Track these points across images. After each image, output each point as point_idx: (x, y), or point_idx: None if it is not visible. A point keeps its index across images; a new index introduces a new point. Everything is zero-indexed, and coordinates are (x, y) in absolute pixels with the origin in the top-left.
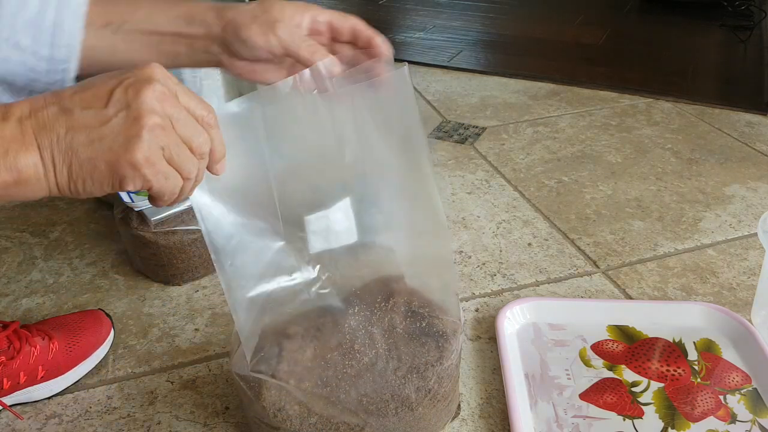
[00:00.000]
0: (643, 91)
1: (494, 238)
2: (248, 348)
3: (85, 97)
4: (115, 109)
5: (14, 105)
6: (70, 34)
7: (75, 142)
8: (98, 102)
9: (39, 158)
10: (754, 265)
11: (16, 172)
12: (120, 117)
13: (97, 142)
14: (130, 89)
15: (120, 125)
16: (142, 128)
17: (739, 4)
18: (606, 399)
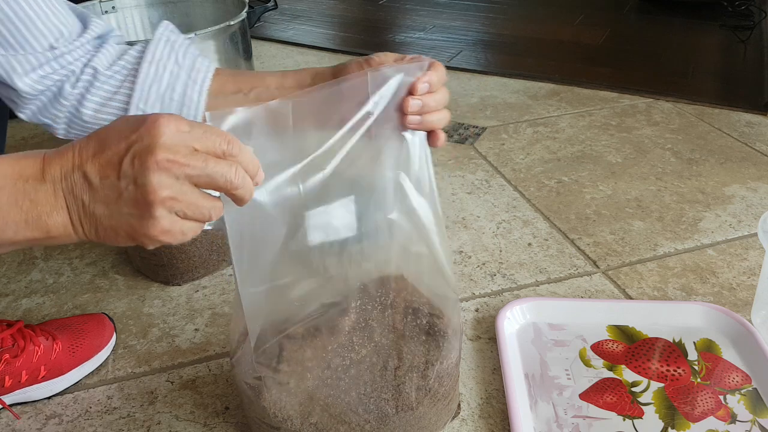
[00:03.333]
0: (643, 91)
1: (494, 238)
2: (253, 337)
3: (101, 163)
4: (125, 183)
5: (52, 162)
6: (195, 106)
7: (97, 212)
8: (112, 171)
9: (68, 219)
10: (754, 265)
11: (46, 231)
12: (130, 192)
13: (116, 216)
14: (135, 161)
15: (132, 201)
16: (151, 206)
17: (739, 4)
18: (606, 399)
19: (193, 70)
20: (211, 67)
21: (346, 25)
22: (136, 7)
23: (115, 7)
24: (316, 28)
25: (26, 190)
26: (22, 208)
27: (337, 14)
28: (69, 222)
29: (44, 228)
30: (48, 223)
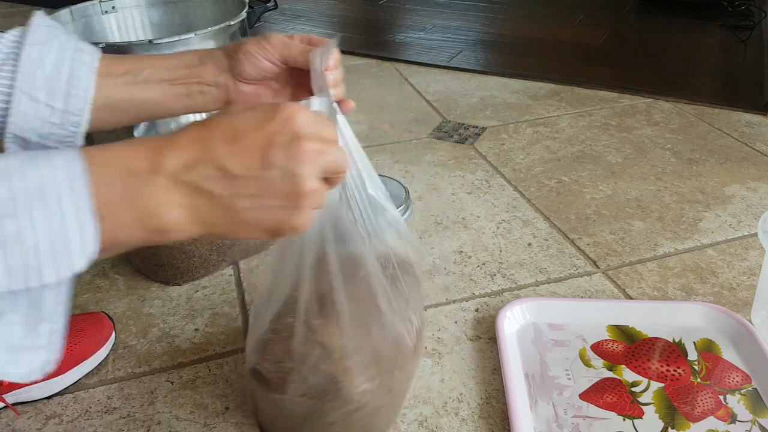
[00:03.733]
0: (643, 91)
1: (494, 238)
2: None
3: (238, 154)
4: (274, 176)
5: (168, 153)
6: (84, 87)
7: (237, 205)
8: (254, 163)
9: (183, 215)
10: (754, 265)
11: (161, 231)
12: (281, 185)
13: (259, 210)
14: (286, 153)
15: (282, 192)
16: (303, 197)
17: (739, 4)
18: (606, 399)
19: (78, 52)
20: (97, 50)
21: (346, 25)
22: (136, 7)
23: (115, 7)
24: (316, 28)
25: (136, 186)
26: (134, 206)
27: (337, 14)
28: (184, 219)
29: (161, 228)
30: (164, 222)
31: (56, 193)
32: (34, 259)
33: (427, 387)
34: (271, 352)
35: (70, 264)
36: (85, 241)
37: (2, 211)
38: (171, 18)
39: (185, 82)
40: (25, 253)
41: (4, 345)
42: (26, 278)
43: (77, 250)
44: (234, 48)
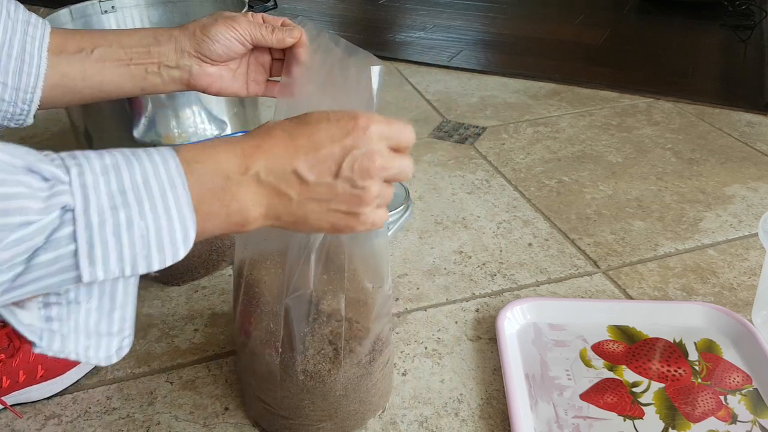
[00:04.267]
0: (644, 91)
1: (494, 238)
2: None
3: (316, 163)
4: (342, 185)
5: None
6: (36, 64)
7: (306, 208)
8: (329, 174)
9: (263, 212)
10: (754, 265)
11: (244, 224)
12: (347, 193)
13: (325, 213)
14: (356, 166)
15: (346, 201)
16: (365, 206)
17: (739, 3)
18: (606, 399)
19: (29, 25)
20: (46, 23)
21: (346, 24)
22: (136, 6)
23: (115, 7)
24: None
25: (228, 185)
26: (224, 202)
27: (337, 14)
28: (263, 215)
29: (243, 222)
30: (248, 217)
31: (160, 188)
32: (143, 247)
33: (427, 387)
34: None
35: (174, 253)
36: (186, 232)
37: (116, 202)
38: (170, 17)
39: (142, 63)
40: (135, 242)
41: (84, 331)
42: (134, 265)
43: (180, 239)
44: (199, 29)
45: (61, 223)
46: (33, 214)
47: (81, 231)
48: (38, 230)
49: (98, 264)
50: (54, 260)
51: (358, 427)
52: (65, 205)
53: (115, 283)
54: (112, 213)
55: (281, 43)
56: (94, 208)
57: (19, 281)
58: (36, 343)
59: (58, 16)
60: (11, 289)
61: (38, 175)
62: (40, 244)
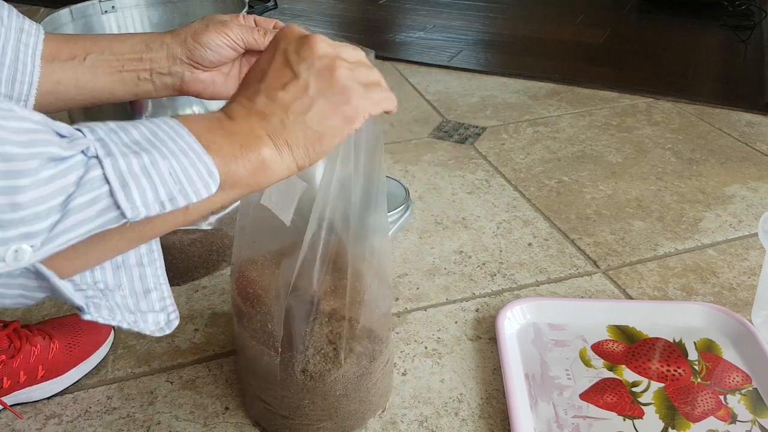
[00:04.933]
0: (644, 91)
1: (494, 238)
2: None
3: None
4: (305, 73)
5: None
6: (29, 71)
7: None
8: (285, 77)
9: (274, 146)
10: (754, 265)
11: (263, 166)
12: (314, 78)
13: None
14: (300, 50)
15: (319, 83)
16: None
17: (739, 3)
18: (606, 399)
19: (22, 32)
20: (40, 28)
21: (346, 24)
22: (136, 6)
23: (115, 7)
24: (315, 28)
25: (225, 127)
26: (233, 139)
27: (337, 14)
28: (273, 148)
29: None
30: (260, 153)
31: (168, 136)
32: (175, 183)
33: (427, 387)
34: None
35: (205, 185)
36: (209, 167)
37: (134, 149)
38: (170, 18)
39: (134, 70)
40: (165, 179)
41: (126, 308)
42: (173, 198)
43: (206, 174)
44: (190, 36)
45: (88, 167)
46: (61, 149)
47: (110, 172)
48: (69, 169)
49: (137, 201)
50: (91, 201)
51: (358, 426)
52: (87, 148)
53: (141, 268)
54: (135, 156)
55: None
56: (117, 152)
57: (58, 229)
58: (83, 308)
59: (58, 16)
60: (51, 239)
61: (54, 131)
62: (72, 189)
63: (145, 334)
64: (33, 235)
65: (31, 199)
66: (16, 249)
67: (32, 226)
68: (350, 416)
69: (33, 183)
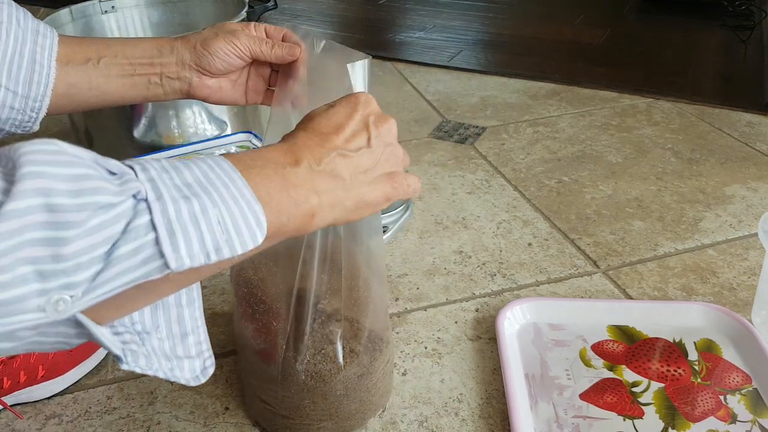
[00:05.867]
0: (644, 91)
1: (494, 238)
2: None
3: (350, 139)
4: (378, 146)
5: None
6: (46, 73)
7: (360, 183)
8: (364, 142)
9: (326, 202)
10: (754, 265)
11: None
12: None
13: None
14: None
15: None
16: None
17: (739, 3)
18: (606, 399)
19: (38, 35)
20: (54, 32)
21: (346, 24)
22: (136, 6)
23: (115, 7)
24: (315, 28)
25: (287, 176)
26: (288, 192)
27: (337, 14)
28: (325, 203)
29: (310, 212)
30: (314, 207)
31: (221, 181)
32: (222, 233)
33: (427, 387)
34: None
35: (252, 236)
36: (257, 216)
37: (185, 192)
38: (170, 18)
39: (146, 74)
40: (213, 228)
41: (163, 355)
42: (218, 250)
43: (254, 224)
44: (200, 43)
45: (136, 213)
46: (111, 195)
47: (159, 219)
48: (117, 217)
49: (182, 250)
50: (135, 251)
51: (358, 426)
52: (137, 192)
53: (180, 309)
54: (185, 202)
55: (280, 60)
56: (167, 197)
57: (100, 279)
58: (121, 358)
59: (58, 16)
60: (92, 289)
61: (104, 168)
62: (118, 236)
63: (181, 383)
64: (74, 285)
65: (75, 251)
66: (57, 300)
67: (74, 276)
68: (350, 416)
69: (80, 234)
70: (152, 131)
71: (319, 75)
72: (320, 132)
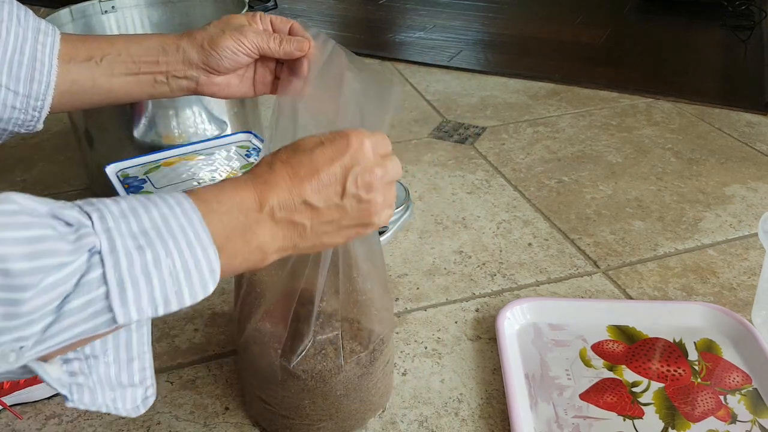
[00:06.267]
0: (644, 91)
1: (494, 238)
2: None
3: (321, 188)
4: (349, 202)
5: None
6: (47, 71)
7: (320, 230)
8: (336, 195)
9: (282, 245)
10: (754, 265)
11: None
12: (355, 208)
13: (337, 231)
14: (359, 181)
15: (356, 215)
16: (374, 215)
17: (739, 3)
18: (606, 399)
19: (39, 33)
20: (56, 29)
21: (346, 24)
22: (136, 6)
23: (115, 7)
24: (315, 28)
25: (248, 223)
26: (246, 239)
27: (337, 14)
28: (281, 248)
29: (264, 258)
30: (267, 252)
31: (179, 226)
32: (173, 284)
33: (427, 387)
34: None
35: (203, 287)
36: (211, 266)
37: (140, 242)
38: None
39: (150, 72)
40: (165, 279)
41: (107, 383)
42: (167, 302)
43: (208, 274)
44: (206, 41)
45: (90, 267)
46: (65, 256)
47: (110, 272)
48: (69, 275)
49: (131, 304)
50: (85, 305)
51: (358, 426)
52: (92, 247)
53: (128, 333)
54: (139, 253)
55: (288, 56)
56: (121, 248)
57: (50, 331)
58: (68, 397)
59: (58, 16)
60: (42, 341)
61: (61, 220)
62: (70, 290)
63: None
64: (25, 338)
65: (28, 310)
66: (8, 352)
67: (25, 331)
68: (350, 416)
69: (34, 294)
70: (152, 131)
71: (356, 92)
72: (296, 172)
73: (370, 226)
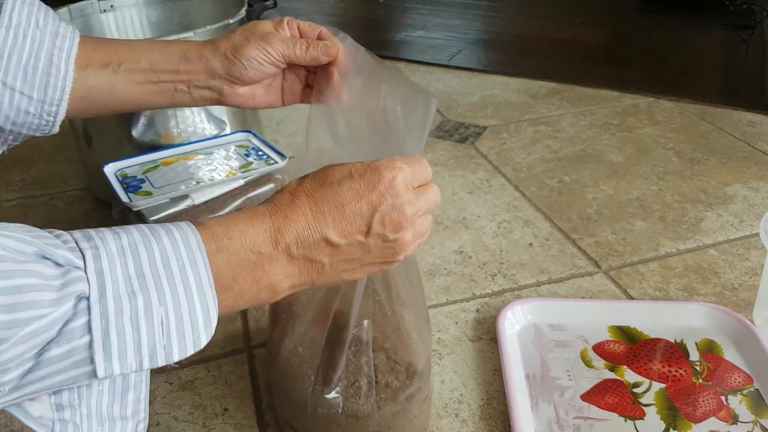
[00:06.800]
0: (645, 91)
1: (495, 238)
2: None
3: (345, 226)
4: (374, 241)
5: (285, 229)
6: (63, 77)
7: (339, 268)
8: (360, 233)
9: (296, 282)
10: (756, 265)
11: (274, 297)
12: (380, 247)
13: (359, 268)
14: (386, 221)
15: (381, 254)
16: (400, 253)
17: (740, 3)
18: (607, 400)
19: (57, 37)
20: (75, 33)
21: (346, 24)
22: (135, 5)
23: (114, 6)
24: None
25: (260, 261)
26: (256, 278)
27: (337, 13)
28: (295, 285)
29: (274, 295)
30: (278, 290)
31: (180, 268)
32: (163, 336)
33: None
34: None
35: (195, 340)
36: (208, 317)
37: (133, 287)
38: (169, 16)
39: (171, 81)
40: (154, 331)
41: (97, 416)
42: (153, 356)
43: (202, 326)
44: (230, 50)
45: (75, 313)
46: (46, 307)
47: (96, 321)
48: (51, 323)
49: (114, 357)
50: (66, 354)
51: None
52: (80, 293)
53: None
54: (130, 299)
55: (315, 61)
56: (111, 295)
57: (28, 378)
58: None
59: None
60: (19, 387)
61: (50, 261)
62: (52, 337)
63: None
64: (1, 384)
65: (5, 360)
66: None
67: (2, 377)
68: None
69: (10, 346)
70: (151, 131)
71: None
72: (319, 207)
73: (394, 263)
